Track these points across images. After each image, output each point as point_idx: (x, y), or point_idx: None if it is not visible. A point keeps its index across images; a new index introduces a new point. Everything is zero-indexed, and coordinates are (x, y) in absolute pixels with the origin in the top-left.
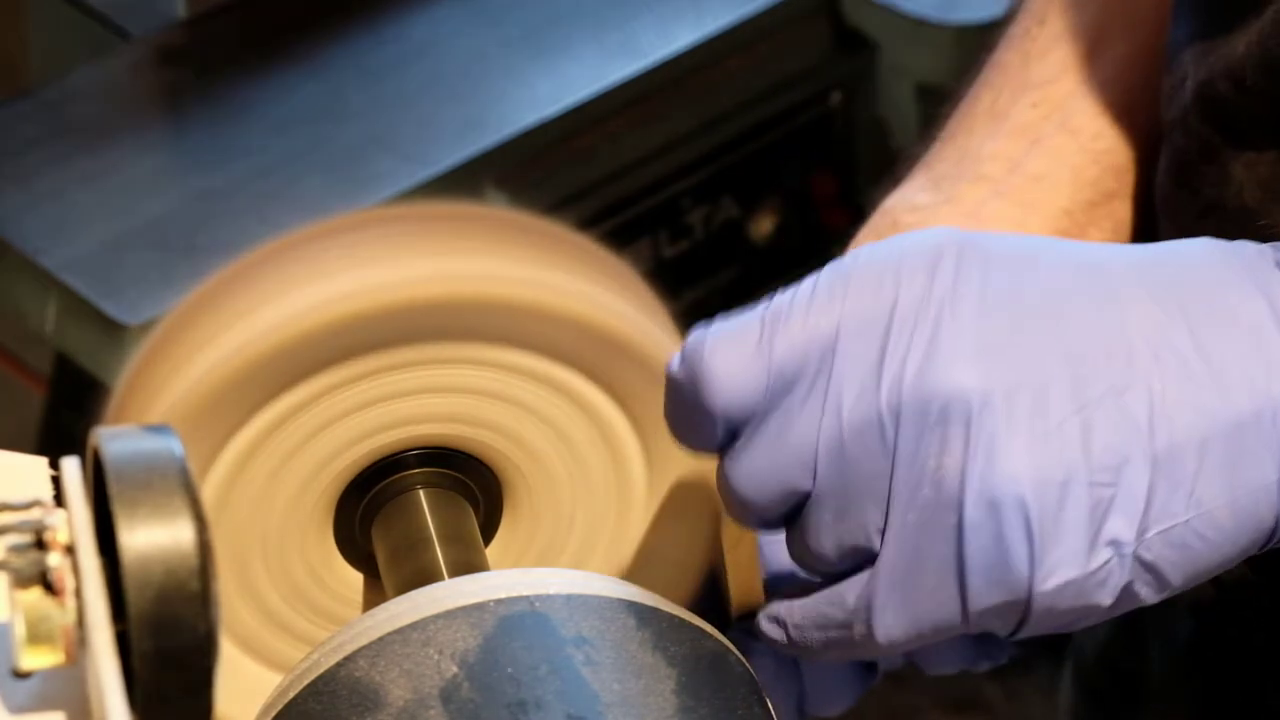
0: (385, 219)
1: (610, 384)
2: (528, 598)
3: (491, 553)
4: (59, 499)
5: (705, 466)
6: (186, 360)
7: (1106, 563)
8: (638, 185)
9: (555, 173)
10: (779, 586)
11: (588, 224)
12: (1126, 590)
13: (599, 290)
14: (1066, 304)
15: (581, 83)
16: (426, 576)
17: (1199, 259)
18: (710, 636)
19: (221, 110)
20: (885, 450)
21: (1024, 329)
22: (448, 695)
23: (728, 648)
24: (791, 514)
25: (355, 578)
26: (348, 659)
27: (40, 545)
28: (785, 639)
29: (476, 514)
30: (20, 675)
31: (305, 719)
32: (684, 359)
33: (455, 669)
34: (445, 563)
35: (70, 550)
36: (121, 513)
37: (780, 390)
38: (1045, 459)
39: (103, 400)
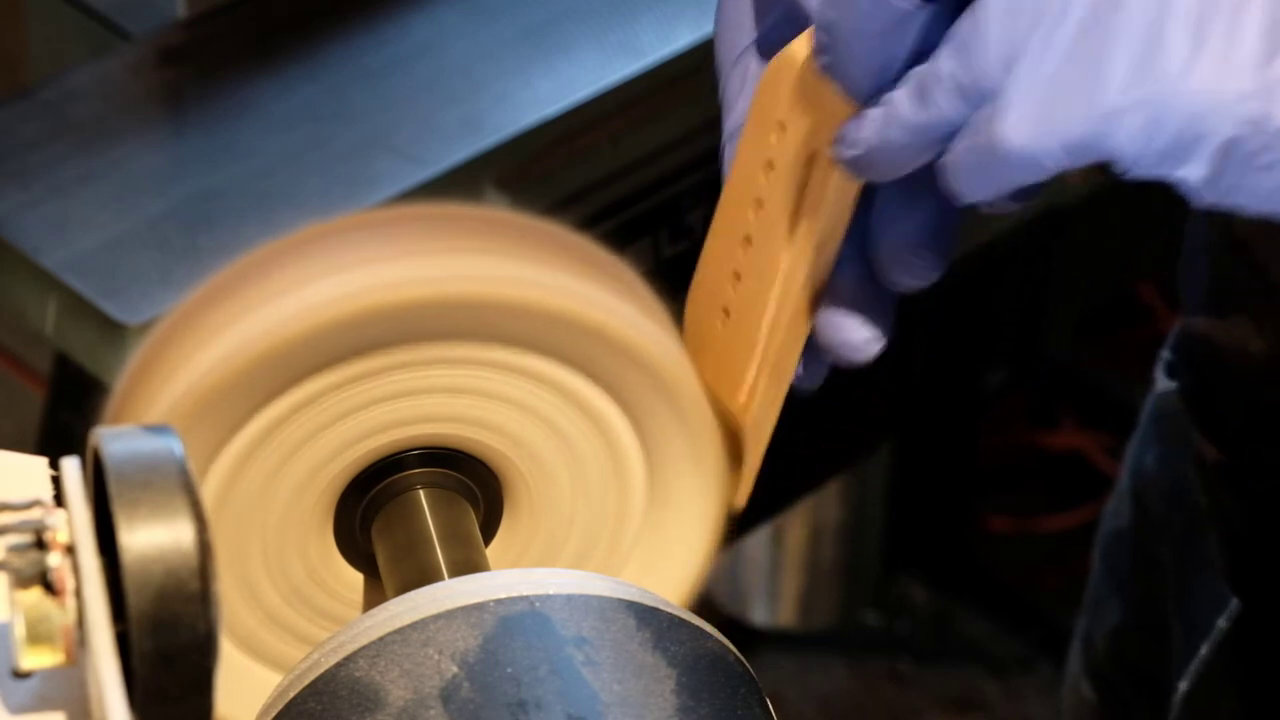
0: (385, 219)
1: (610, 384)
2: (528, 598)
3: (491, 553)
4: (59, 499)
5: (704, 466)
6: (186, 360)
7: (1273, 90)
8: (638, 185)
9: (555, 173)
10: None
11: (588, 224)
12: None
13: (599, 290)
14: None
15: (581, 83)
16: (426, 576)
17: None
18: (710, 636)
19: (221, 110)
20: None
21: None
22: (448, 695)
23: (728, 648)
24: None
25: (355, 578)
26: (348, 659)
27: (40, 545)
28: (879, 147)
29: (476, 514)
30: (20, 675)
31: (305, 719)
32: None
33: (455, 669)
34: (445, 563)
35: (70, 550)
36: (121, 513)
37: None
38: None
39: (103, 400)
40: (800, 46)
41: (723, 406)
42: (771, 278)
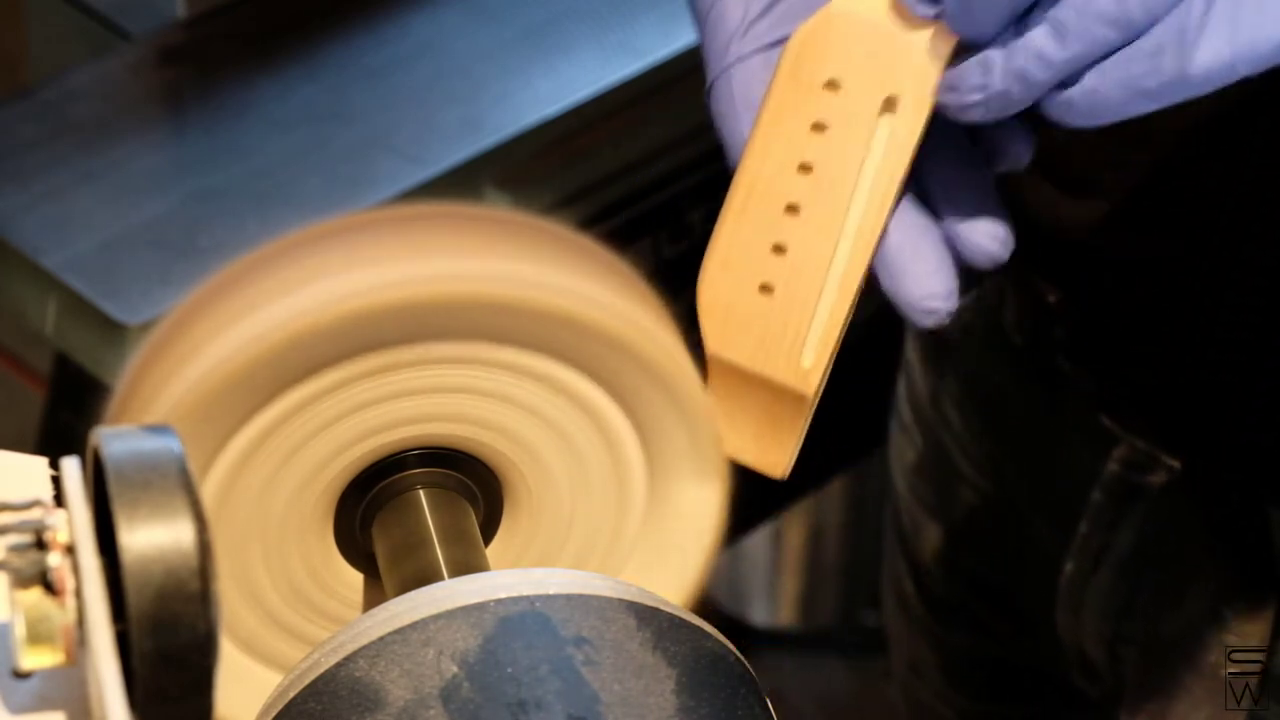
0: (385, 219)
1: (610, 384)
2: (528, 598)
3: (491, 553)
4: (59, 499)
5: (704, 465)
6: (186, 360)
7: None
8: (638, 185)
9: (555, 173)
10: None
11: (588, 224)
12: None
13: (599, 290)
14: None
15: (581, 83)
16: (426, 576)
17: None
18: (710, 636)
19: (221, 110)
20: None
21: None
22: (448, 695)
23: (728, 648)
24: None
25: (355, 578)
26: (348, 659)
27: (40, 545)
28: (1002, 90)
29: (476, 514)
30: (20, 675)
31: (305, 719)
32: None
33: (455, 669)
34: (445, 563)
35: (70, 550)
36: (121, 513)
37: None
38: None
39: (103, 400)
40: (852, 2)
41: (767, 379)
42: (832, 238)
